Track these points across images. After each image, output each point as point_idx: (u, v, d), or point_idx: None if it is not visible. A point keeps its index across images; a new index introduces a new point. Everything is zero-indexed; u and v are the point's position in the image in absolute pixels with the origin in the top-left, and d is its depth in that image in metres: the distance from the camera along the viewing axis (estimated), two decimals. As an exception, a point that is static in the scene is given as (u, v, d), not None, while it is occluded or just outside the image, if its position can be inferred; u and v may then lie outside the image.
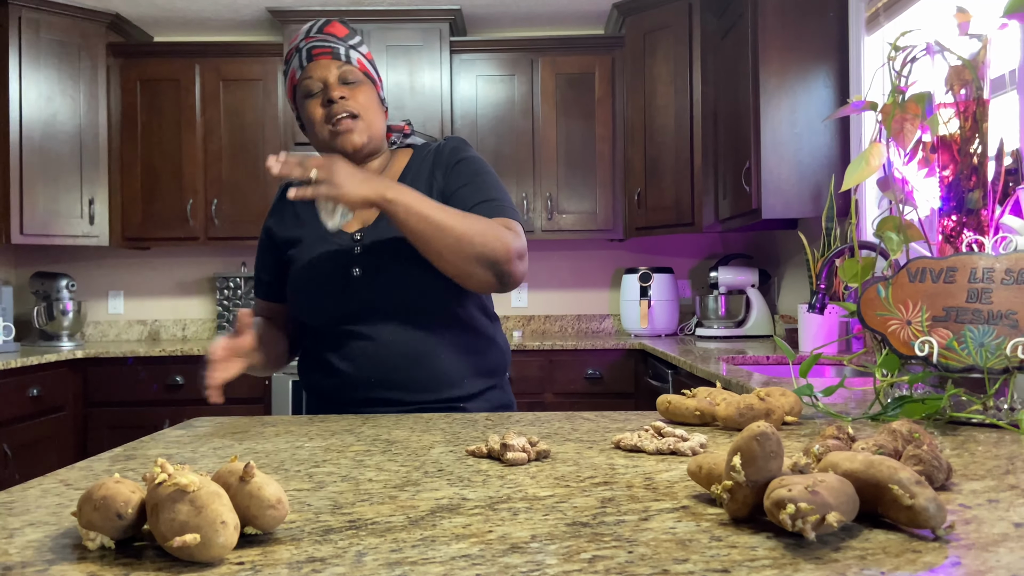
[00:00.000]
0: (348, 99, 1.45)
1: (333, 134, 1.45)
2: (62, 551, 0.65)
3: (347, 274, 1.45)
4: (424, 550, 0.63)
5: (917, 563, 0.59)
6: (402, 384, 1.44)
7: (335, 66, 1.46)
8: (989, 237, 1.30)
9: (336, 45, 1.47)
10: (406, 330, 1.44)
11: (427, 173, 1.51)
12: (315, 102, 1.46)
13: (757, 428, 0.68)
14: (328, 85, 1.45)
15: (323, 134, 1.47)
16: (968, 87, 1.31)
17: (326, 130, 1.46)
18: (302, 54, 1.48)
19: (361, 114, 1.46)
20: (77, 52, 3.92)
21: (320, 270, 1.47)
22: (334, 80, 1.45)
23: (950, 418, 1.17)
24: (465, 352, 1.49)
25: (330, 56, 1.46)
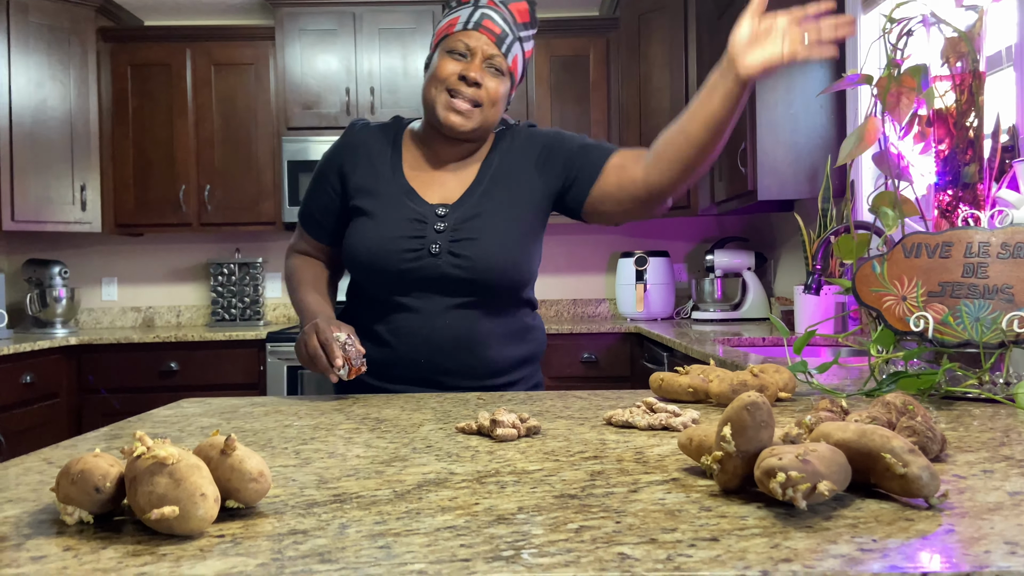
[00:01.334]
0: (482, 88, 1.42)
1: (447, 105, 1.42)
2: (40, 526, 0.64)
3: (424, 247, 1.42)
4: (408, 522, 0.62)
5: (910, 531, 0.58)
6: (452, 369, 1.44)
7: (491, 50, 1.42)
8: (985, 211, 1.28)
9: (505, 30, 1.44)
10: (463, 317, 1.43)
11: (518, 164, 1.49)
12: (452, 62, 1.42)
13: (747, 398, 0.67)
14: (474, 60, 1.42)
15: (438, 96, 1.42)
16: (964, 59, 1.29)
17: (443, 96, 1.42)
18: (474, 15, 1.44)
19: (484, 106, 1.43)
20: (67, 37, 3.88)
21: (396, 235, 1.42)
22: (479, 60, 1.42)
23: (945, 393, 1.16)
24: (516, 340, 1.49)
25: (493, 39, 1.43)
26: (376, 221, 1.44)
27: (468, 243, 1.41)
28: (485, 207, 1.45)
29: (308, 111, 3.99)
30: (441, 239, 1.42)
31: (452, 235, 1.42)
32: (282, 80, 3.99)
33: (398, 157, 1.50)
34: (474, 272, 1.41)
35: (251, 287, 4.22)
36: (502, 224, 1.44)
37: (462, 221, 1.43)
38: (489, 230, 1.43)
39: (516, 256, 1.45)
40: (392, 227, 1.43)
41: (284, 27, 4.00)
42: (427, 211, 1.44)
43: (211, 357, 3.73)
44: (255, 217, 4.05)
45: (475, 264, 1.41)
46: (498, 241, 1.42)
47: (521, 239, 1.46)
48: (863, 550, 0.54)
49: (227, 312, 4.22)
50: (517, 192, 1.48)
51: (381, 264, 1.42)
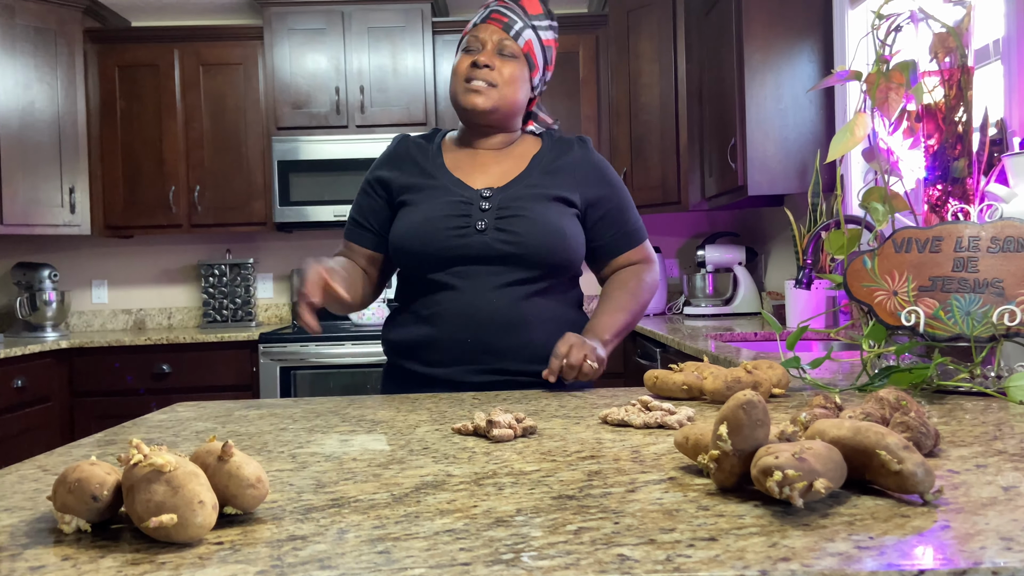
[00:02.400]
0: (494, 70, 1.50)
1: (465, 90, 1.51)
2: (37, 535, 0.64)
3: (469, 224, 1.45)
4: (407, 526, 0.62)
5: (906, 527, 0.58)
6: (498, 350, 1.45)
7: (499, 36, 1.51)
8: (975, 206, 1.29)
9: (513, 19, 1.52)
10: (509, 295, 1.45)
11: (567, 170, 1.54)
12: (466, 57, 1.52)
13: (743, 396, 0.67)
14: (484, 49, 1.51)
15: (457, 87, 1.52)
16: (952, 55, 1.30)
17: (460, 85, 1.52)
18: (485, 12, 1.54)
19: (499, 85, 1.50)
20: (53, 38, 3.86)
21: (441, 215, 1.46)
22: (491, 48, 1.51)
23: (937, 387, 1.16)
24: (561, 328, 1.49)
25: (501, 26, 1.51)
26: (422, 207, 1.49)
27: (515, 219, 1.46)
28: (532, 191, 1.50)
29: (298, 110, 3.98)
30: (487, 217, 1.46)
31: (499, 213, 1.46)
32: (271, 80, 3.98)
33: (440, 158, 1.57)
34: (523, 247, 1.44)
35: (242, 288, 4.21)
36: (549, 205, 1.49)
37: (509, 201, 1.48)
38: (536, 209, 1.47)
39: (563, 233, 1.48)
40: (438, 209, 1.48)
41: (272, 26, 3.98)
42: (473, 195, 1.49)
43: (203, 359, 3.72)
44: (246, 217, 4.04)
45: (523, 239, 1.45)
46: (545, 218, 1.47)
47: (567, 221, 1.51)
48: (860, 548, 0.54)
49: (219, 313, 4.21)
50: (563, 189, 1.52)
51: (427, 243, 1.46)
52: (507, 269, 1.45)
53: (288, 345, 3.65)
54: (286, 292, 4.42)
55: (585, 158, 1.58)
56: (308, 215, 3.92)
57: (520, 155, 1.57)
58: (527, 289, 1.47)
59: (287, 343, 3.65)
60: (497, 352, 1.45)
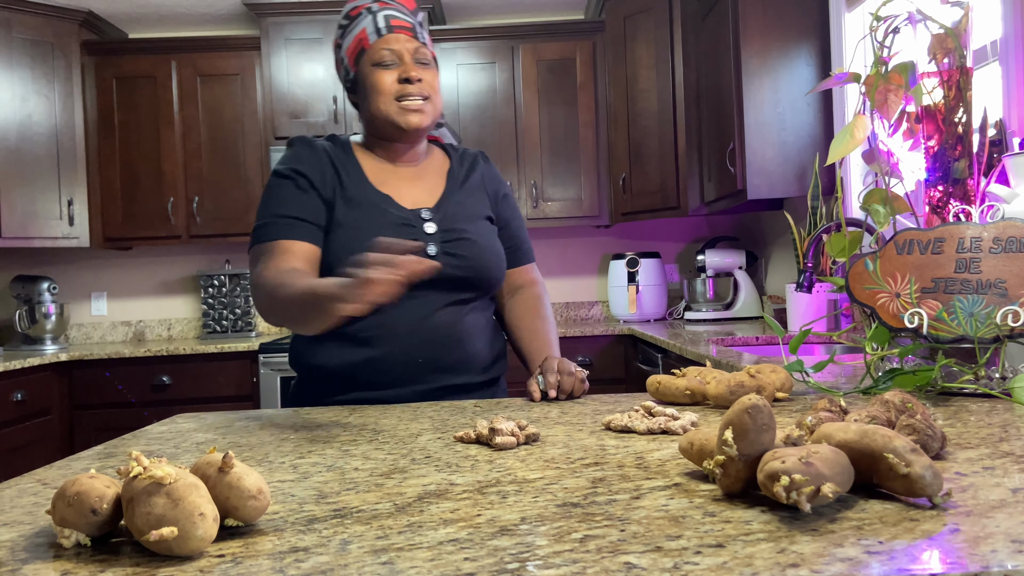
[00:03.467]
0: (424, 82, 1.46)
1: (402, 110, 1.44)
2: (36, 550, 0.63)
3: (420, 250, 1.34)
4: (411, 536, 0.62)
5: (915, 531, 0.58)
6: (447, 366, 1.43)
7: (412, 44, 1.46)
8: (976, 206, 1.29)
9: (411, 21, 1.49)
10: (454, 312, 1.45)
11: (477, 184, 1.57)
12: (387, 73, 1.44)
13: (748, 401, 0.67)
14: (405, 63, 1.45)
15: (389, 108, 1.44)
16: (951, 55, 1.30)
17: (394, 106, 1.44)
18: (377, 20, 1.46)
19: (431, 96, 1.47)
20: (51, 51, 3.86)
21: None
22: (410, 59, 1.46)
23: (942, 389, 1.16)
24: (493, 335, 1.54)
25: (409, 33, 1.47)
26: (360, 230, 1.41)
27: (462, 243, 1.46)
28: (463, 211, 1.51)
29: (295, 120, 3.98)
30: (435, 240, 1.44)
31: (444, 236, 1.45)
32: (268, 90, 3.98)
33: (358, 168, 1.49)
34: (472, 270, 1.46)
35: (242, 298, 4.20)
36: (482, 224, 1.52)
37: (449, 223, 1.47)
38: (476, 231, 1.49)
39: (498, 253, 1.53)
40: (381, 231, 1.40)
41: (269, 37, 3.99)
42: (410, 215, 1.45)
43: (203, 370, 3.71)
44: (245, 228, 4.03)
45: (473, 263, 1.46)
46: (486, 240, 1.50)
47: (496, 239, 1.55)
48: (870, 552, 0.54)
49: (218, 324, 4.20)
50: (482, 204, 1.56)
51: None
52: (448, 292, 1.44)
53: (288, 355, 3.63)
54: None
55: (491, 175, 1.61)
56: (307, 224, 3.91)
57: (435, 170, 1.55)
58: (467, 304, 1.47)
59: (287, 353, 3.63)
60: (448, 367, 1.43)
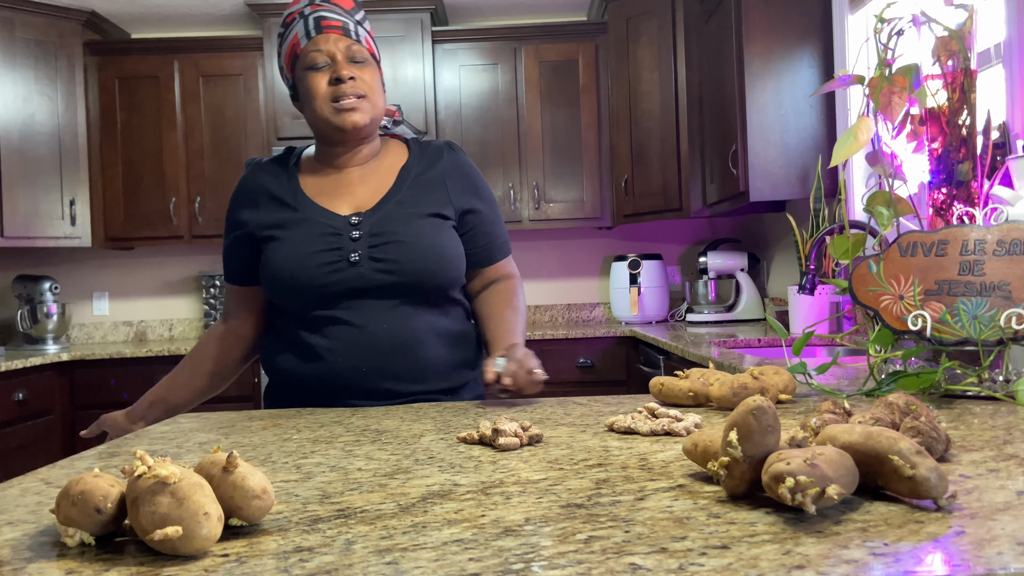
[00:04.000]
0: (356, 80, 1.41)
1: (336, 111, 1.40)
2: (40, 549, 0.63)
3: (343, 258, 1.39)
4: (415, 536, 0.62)
5: (920, 533, 0.58)
6: (394, 374, 1.39)
7: (344, 43, 1.42)
8: (980, 209, 1.29)
9: (345, 19, 1.43)
10: (398, 318, 1.40)
11: (436, 180, 1.48)
12: (319, 76, 1.41)
13: (753, 402, 0.67)
14: (337, 62, 1.41)
15: (324, 110, 1.41)
16: (955, 58, 1.29)
17: (328, 107, 1.41)
18: (308, 22, 1.42)
19: (367, 95, 1.42)
20: (54, 51, 3.87)
21: (311, 251, 1.39)
22: (342, 57, 1.41)
23: (945, 391, 1.16)
24: (453, 343, 1.46)
25: (340, 31, 1.42)
26: (287, 242, 1.41)
27: (389, 246, 1.39)
28: (402, 211, 1.43)
29: (298, 120, 3.98)
30: (359, 247, 1.39)
31: (370, 241, 1.39)
32: (271, 90, 3.98)
33: (296, 184, 1.47)
34: (401, 274, 1.39)
35: (244, 298, 4.20)
36: (422, 223, 1.43)
37: (380, 226, 1.41)
38: (410, 231, 1.40)
39: (441, 252, 1.42)
40: (305, 244, 1.40)
41: (272, 37, 3.99)
42: (340, 223, 1.41)
43: (205, 370, 3.70)
44: (246, 228, 4.03)
45: (401, 266, 1.39)
46: (420, 240, 1.40)
47: (444, 238, 1.44)
48: (875, 554, 0.54)
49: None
50: (436, 200, 1.47)
51: (301, 283, 1.39)
52: (387, 295, 1.39)
53: (290, 355, 3.64)
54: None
55: (455, 166, 1.51)
56: (309, 225, 3.91)
57: (387, 168, 1.49)
58: (412, 309, 1.41)
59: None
60: (393, 376, 1.39)
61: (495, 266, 1.55)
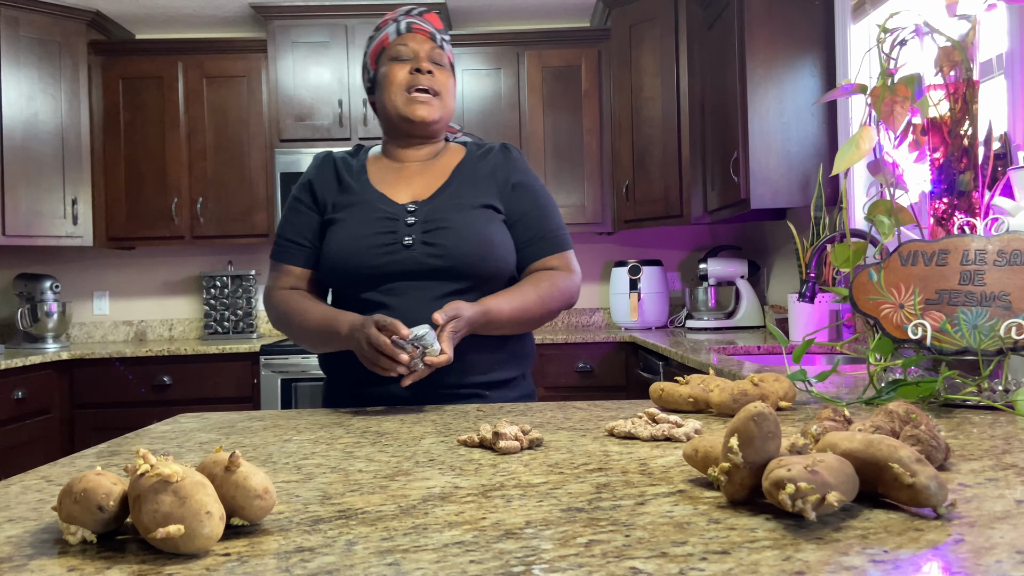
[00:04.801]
0: (435, 76, 1.51)
1: (409, 100, 1.50)
2: (42, 546, 0.63)
3: (396, 241, 1.44)
4: (416, 538, 0.62)
5: (920, 541, 0.58)
6: (458, 368, 1.41)
7: (429, 45, 1.53)
8: (981, 219, 1.29)
9: (433, 30, 1.55)
10: None
11: (487, 174, 1.54)
12: (401, 66, 1.51)
13: (754, 408, 0.67)
14: (419, 58, 1.51)
15: (398, 97, 1.50)
16: (958, 68, 1.30)
17: (403, 96, 1.50)
18: (400, 25, 1.54)
19: (441, 93, 1.52)
20: (58, 50, 3.87)
21: (367, 232, 1.45)
22: (425, 55, 1.52)
23: (945, 400, 1.16)
24: (496, 339, 1.48)
25: (428, 36, 1.54)
26: (348, 225, 1.48)
27: (441, 232, 1.44)
28: (455, 201, 1.49)
29: (301, 123, 3.99)
30: (413, 231, 1.45)
31: (424, 227, 1.45)
32: (274, 92, 3.99)
33: (364, 174, 1.55)
34: (450, 259, 1.43)
35: (244, 299, 4.21)
36: (475, 213, 1.48)
37: (433, 214, 1.46)
38: (461, 220, 1.46)
39: (491, 242, 1.46)
40: (363, 227, 1.46)
41: (276, 40, 4.00)
42: (398, 210, 1.48)
43: (204, 371, 3.71)
44: (248, 229, 4.04)
45: (450, 251, 1.43)
46: (471, 228, 1.45)
47: (494, 228, 1.48)
48: (875, 561, 0.54)
49: (220, 325, 4.20)
50: (486, 196, 1.51)
51: (355, 262, 1.44)
52: (437, 283, 1.43)
53: (289, 357, 3.64)
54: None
55: (505, 162, 1.56)
56: (310, 227, 3.91)
57: (444, 166, 1.56)
58: (463, 299, 1.41)
59: (288, 355, 3.64)
60: (456, 369, 1.41)
61: (542, 261, 1.55)
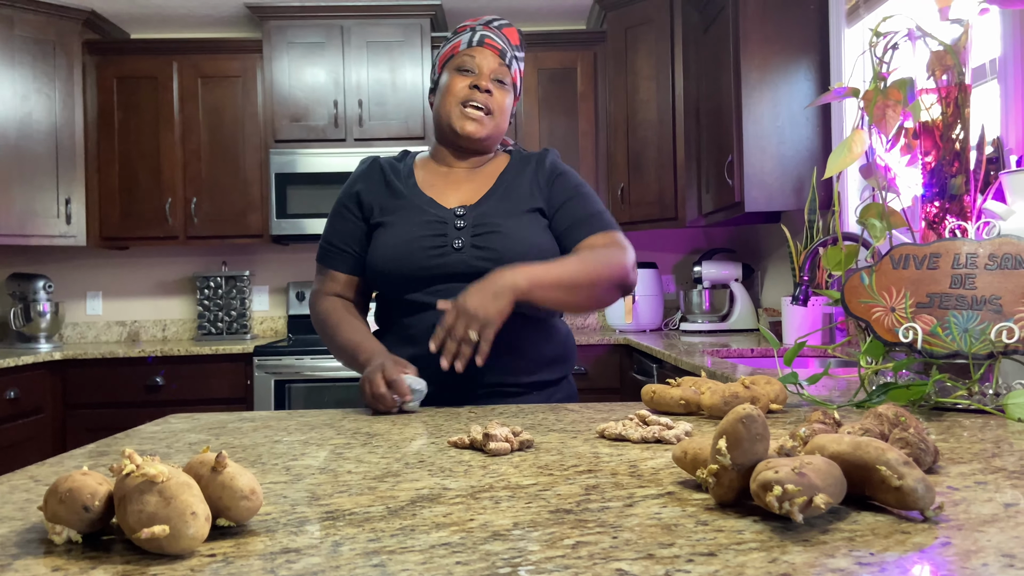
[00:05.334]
0: (493, 95, 1.53)
1: (462, 114, 1.51)
2: (27, 546, 0.63)
3: (447, 243, 1.46)
4: (403, 539, 0.62)
5: (907, 544, 0.58)
6: (494, 366, 1.41)
7: (496, 62, 1.54)
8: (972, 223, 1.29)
9: (505, 47, 1.56)
10: None
11: (529, 178, 1.56)
12: (462, 78, 1.52)
13: (743, 410, 0.67)
14: (482, 74, 1.52)
15: (451, 107, 1.52)
16: (950, 72, 1.30)
17: (457, 108, 1.52)
18: (474, 35, 1.55)
19: (495, 113, 1.54)
20: (52, 50, 3.86)
21: (418, 235, 1.46)
22: (489, 72, 1.53)
23: (935, 404, 1.16)
24: (546, 339, 1.51)
25: (497, 53, 1.54)
26: (397, 228, 1.49)
27: (491, 236, 1.47)
28: (503, 206, 1.51)
29: (296, 123, 3.99)
30: (463, 235, 1.47)
31: (474, 230, 1.47)
32: (270, 93, 3.99)
33: (412, 178, 1.57)
34: (499, 262, 1.43)
35: (238, 300, 4.20)
36: (521, 218, 1.51)
37: (482, 218, 1.49)
38: (510, 223, 1.48)
39: (539, 245, 1.49)
40: (413, 230, 1.48)
41: (272, 40, 3.99)
42: (446, 214, 1.50)
43: (197, 371, 3.70)
44: (242, 230, 4.03)
45: (501, 254, 1.45)
46: (519, 233, 1.48)
47: (541, 233, 1.52)
48: (861, 564, 0.54)
49: (213, 326, 4.19)
50: (529, 200, 1.54)
51: (406, 266, 1.46)
52: None
53: (283, 358, 3.63)
54: (282, 305, 4.41)
55: (542, 163, 1.59)
56: (305, 228, 3.91)
57: (490, 173, 1.58)
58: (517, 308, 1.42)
59: (282, 356, 3.64)
60: (493, 368, 1.42)
61: (587, 240, 1.52)
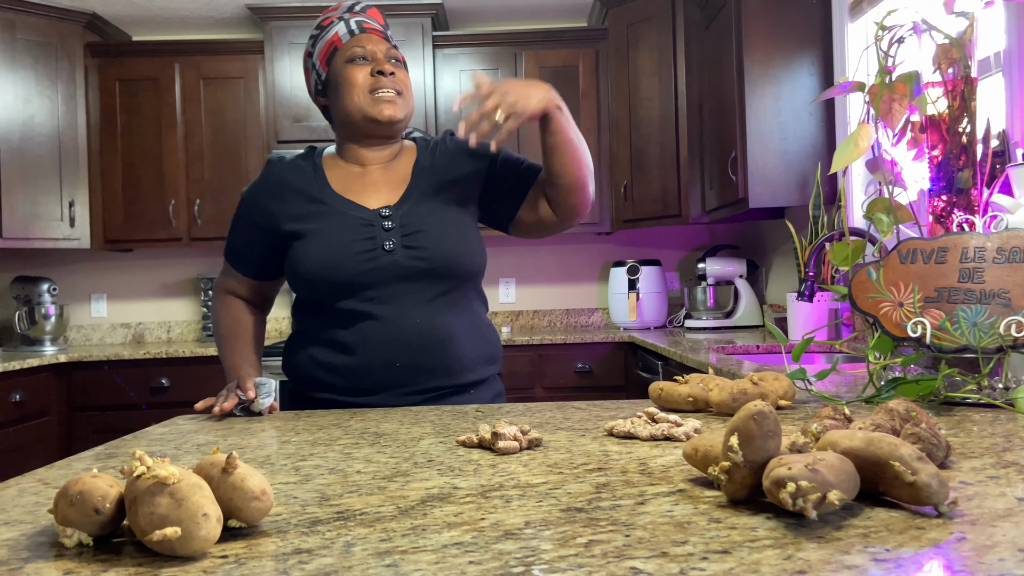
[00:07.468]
0: (397, 76, 1.51)
1: (375, 101, 1.48)
2: (38, 549, 0.63)
3: (377, 246, 1.43)
4: (415, 539, 0.61)
5: (922, 540, 0.58)
6: (428, 368, 1.43)
7: (384, 45, 1.52)
8: (979, 216, 1.29)
9: (383, 29, 1.55)
10: (430, 312, 1.44)
11: (445, 165, 1.55)
12: (360, 68, 1.49)
13: (754, 407, 0.66)
14: (378, 59, 1.50)
15: (361, 99, 1.48)
16: (955, 66, 1.30)
17: (366, 97, 1.48)
18: (349, 24, 1.52)
19: (403, 92, 1.52)
20: (54, 53, 3.87)
21: (346, 240, 1.43)
22: (383, 56, 1.51)
23: (945, 399, 1.16)
24: (477, 337, 1.51)
25: (381, 35, 1.54)
26: (320, 236, 1.45)
27: (420, 235, 1.45)
28: (427, 203, 1.49)
29: (298, 124, 3.99)
30: (393, 236, 1.44)
31: (403, 230, 1.45)
32: (271, 94, 3.99)
33: (323, 179, 1.52)
34: (433, 260, 1.44)
35: (242, 301, 4.20)
36: (448, 214, 1.49)
37: (409, 217, 1.46)
38: (437, 221, 1.47)
39: (468, 240, 1.49)
40: (339, 236, 1.44)
41: (273, 41, 3.99)
42: (370, 215, 1.46)
43: (202, 373, 3.70)
44: (245, 231, 4.03)
45: (432, 253, 1.44)
46: (448, 228, 1.47)
47: (467, 226, 1.52)
48: (877, 560, 0.54)
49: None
50: (451, 188, 1.53)
51: (337, 274, 1.42)
52: (421, 286, 1.44)
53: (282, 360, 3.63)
54: (285, 306, 4.41)
55: (452, 145, 1.58)
56: (308, 228, 3.91)
57: (404, 168, 1.55)
58: (444, 302, 1.45)
59: (287, 357, 3.63)
60: (427, 370, 1.43)
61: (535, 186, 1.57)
